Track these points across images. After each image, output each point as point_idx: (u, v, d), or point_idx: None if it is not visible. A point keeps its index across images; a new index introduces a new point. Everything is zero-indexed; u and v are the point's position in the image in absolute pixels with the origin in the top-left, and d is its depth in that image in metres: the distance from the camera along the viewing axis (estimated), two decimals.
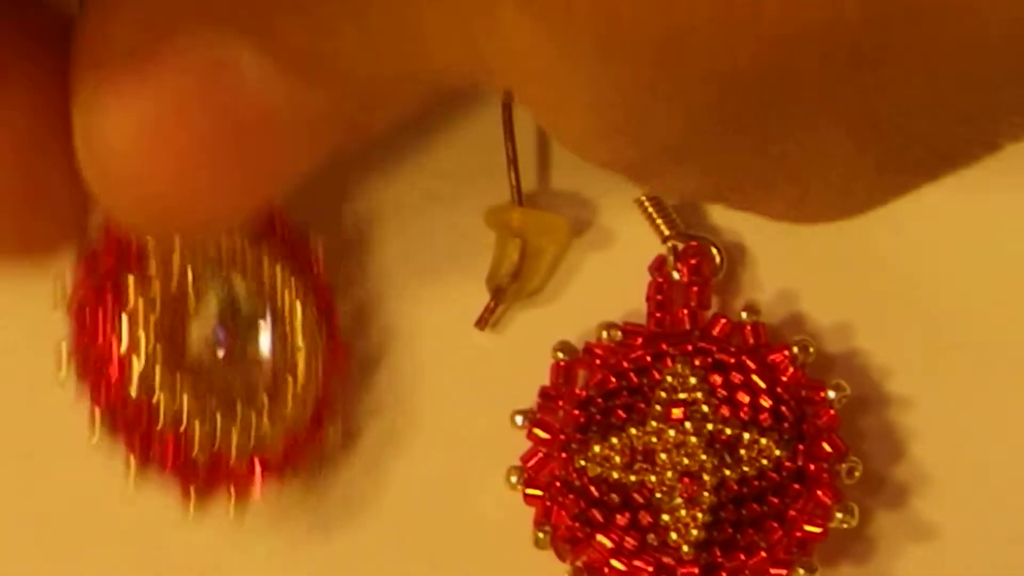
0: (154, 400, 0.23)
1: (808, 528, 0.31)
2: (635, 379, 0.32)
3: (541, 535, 0.32)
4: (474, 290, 0.33)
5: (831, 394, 0.32)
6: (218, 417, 0.23)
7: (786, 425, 0.32)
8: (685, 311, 0.33)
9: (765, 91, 0.18)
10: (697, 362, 0.32)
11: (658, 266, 0.33)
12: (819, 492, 0.31)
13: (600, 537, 0.32)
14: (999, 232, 0.34)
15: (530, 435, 0.32)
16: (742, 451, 0.31)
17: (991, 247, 0.34)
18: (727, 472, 0.31)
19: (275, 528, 0.33)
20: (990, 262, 0.34)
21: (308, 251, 0.23)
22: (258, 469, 0.23)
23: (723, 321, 0.33)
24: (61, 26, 0.21)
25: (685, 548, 0.31)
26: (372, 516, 0.33)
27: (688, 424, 0.31)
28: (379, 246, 0.34)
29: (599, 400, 0.32)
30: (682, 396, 0.32)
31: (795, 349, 0.32)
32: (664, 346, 0.32)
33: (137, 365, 0.23)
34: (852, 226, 0.33)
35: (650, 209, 0.33)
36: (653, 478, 0.31)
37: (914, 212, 0.34)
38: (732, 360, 0.32)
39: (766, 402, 0.32)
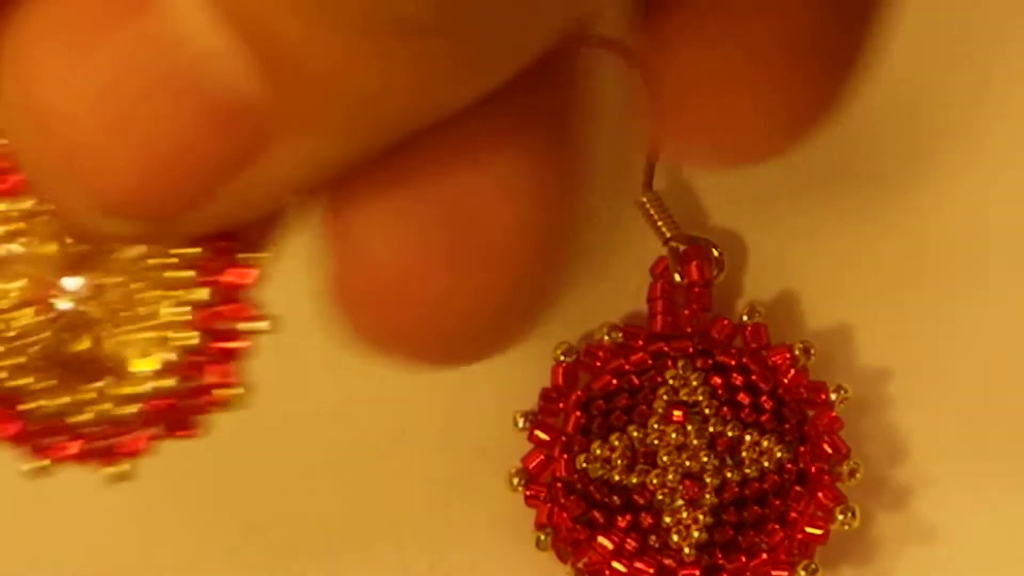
0: None
1: (809, 530, 0.31)
2: (636, 380, 0.32)
3: (542, 537, 0.32)
4: None
5: (832, 395, 0.32)
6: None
7: (787, 427, 0.32)
8: (686, 313, 0.33)
9: None
10: (698, 363, 0.32)
11: (659, 268, 0.33)
12: (820, 494, 0.31)
13: (601, 539, 0.32)
14: (1000, 231, 0.34)
15: (531, 436, 0.32)
16: (743, 453, 0.31)
17: (991, 246, 0.34)
18: (728, 474, 0.31)
19: (274, 529, 0.33)
20: (991, 262, 0.34)
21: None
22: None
23: (724, 322, 0.32)
24: None
25: (686, 550, 0.31)
26: (372, 517, 0.33)
27: (689, 426, 0.31)
28: None
29: (600, 401, 0.32)
30: (683, 397, 0.32)
31: (796, 351, 0.32)
32: (665, 347, 0.32)
33: None
34: (852, 226, 0.34)
35: (651, 210, 0.33)
36: (654, 479, 0.31)
37: (914, 212, 0.34)
38: (733, 362, 0.32)
39: (767, 404, 0.32)
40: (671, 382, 0.32)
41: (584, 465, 0.31)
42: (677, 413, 0.32)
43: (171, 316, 0.20)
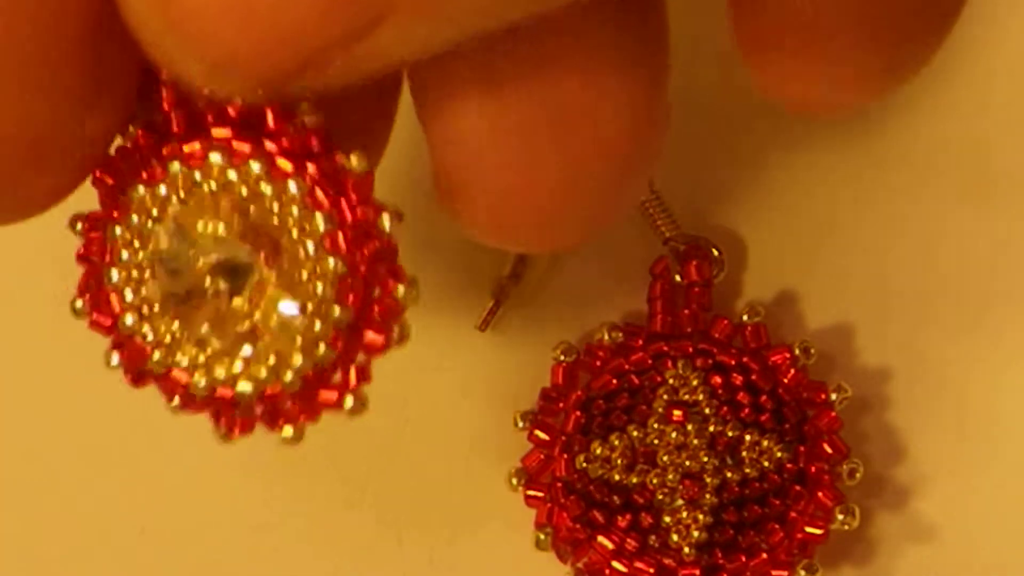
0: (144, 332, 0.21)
1: (809, 529, 0.31)
2: (636, 380, 0.32)
3: (542, 536, 0.32)
4: (475, 291, 0.33)
5: (832, 395, 0.32)
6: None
7: (787, 426, 0.32)
8: (686, 312, 0.33)
9: None
10: (698, 363, 0.32)
11: (659, 268, 0.33)
12: (820, 493, 0.31)
13: (601, 539, 0.32)
14: (999, 231, 0.34)
15: (531, 436, 0.32)
16: (743, 452, 0.31)
17: (991, 246, 0.34)
18: (728, 474, 0.31)
19: (274, 527, 0.33)
20: (990, 261, 0.34)
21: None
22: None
23: (724, 322, 0.33)
24: None
25: (686, 549, 0.31)
26: (373, 517, 0.33)
27: (689, 425, 0.31)
28: None
29: (600, 401, 0.32)
30: (683, 397, 0.32)
31: (796, 350, 0.32)
32: (665, 347, 0.32)
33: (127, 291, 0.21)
34: (852, 226, 0.34)
35: (651, 210, 0.33)
36: (654, 479, 0.31)
37: (914, 210, 0.34)
38: (733, 361, 0.32)
39: (767, 403, 0.32)
40: (671, 382, 0.32)
41: (584, 465, 0.32)
42: (677, 413, 0.32)
43: (304, 252, 0.20)
